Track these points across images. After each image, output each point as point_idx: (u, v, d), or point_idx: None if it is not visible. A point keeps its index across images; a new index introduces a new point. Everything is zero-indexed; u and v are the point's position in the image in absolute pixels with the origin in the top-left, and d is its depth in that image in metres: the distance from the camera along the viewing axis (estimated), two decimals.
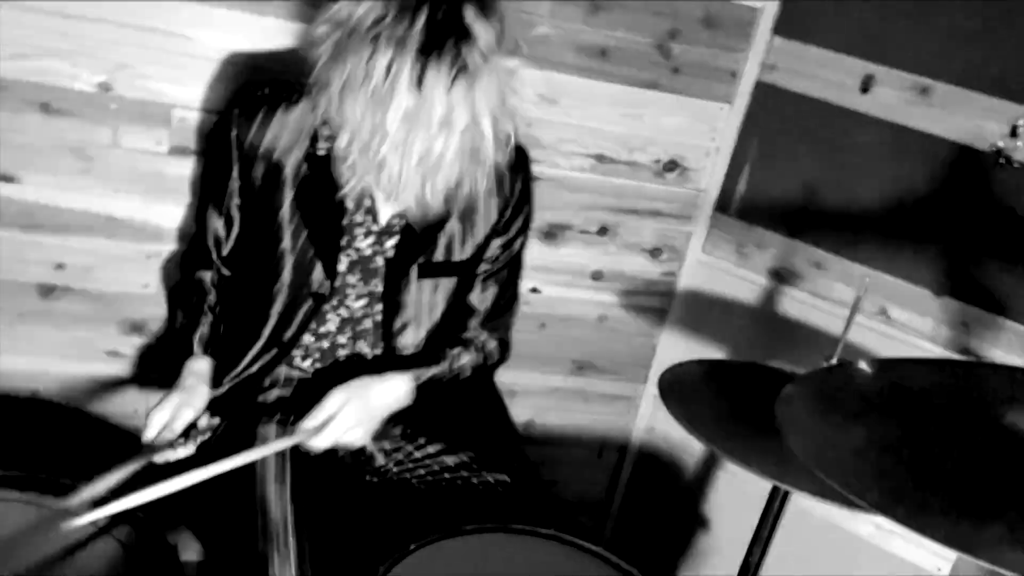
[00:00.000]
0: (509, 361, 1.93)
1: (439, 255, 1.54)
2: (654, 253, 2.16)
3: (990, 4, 1.76)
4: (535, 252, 2.07)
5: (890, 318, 1.93)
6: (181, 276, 1.63)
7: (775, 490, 1.46)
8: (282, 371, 1.57)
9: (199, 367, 1.46)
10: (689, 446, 2.25)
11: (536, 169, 1.96)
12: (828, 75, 1.94)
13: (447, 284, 1.57)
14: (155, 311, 1.87)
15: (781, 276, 2.07)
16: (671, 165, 2.08)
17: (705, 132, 2.07)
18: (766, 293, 2.08)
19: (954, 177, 1.82)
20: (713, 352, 2.13)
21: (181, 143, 1.79)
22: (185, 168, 1.81)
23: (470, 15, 1.27)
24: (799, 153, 2.01)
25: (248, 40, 1.75)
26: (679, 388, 1.45)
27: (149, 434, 1.33)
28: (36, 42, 1.67)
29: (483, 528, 1.34)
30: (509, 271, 1.65)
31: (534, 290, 2.12)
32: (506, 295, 1.66)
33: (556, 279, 2.12)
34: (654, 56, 1.97)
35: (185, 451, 1.36)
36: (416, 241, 1.52)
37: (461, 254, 1.56)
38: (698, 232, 2.16)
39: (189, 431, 1.38)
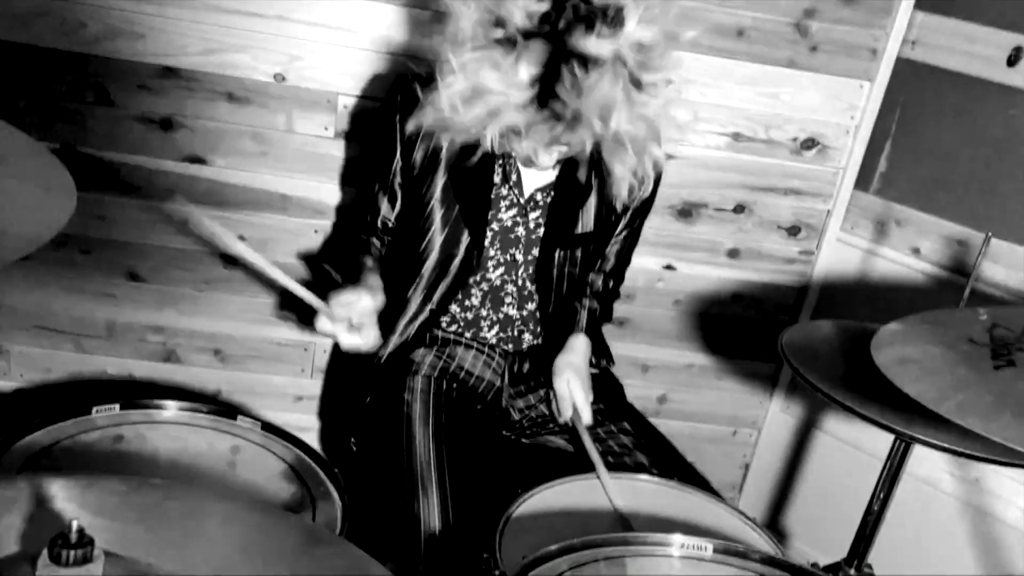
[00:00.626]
0: (640, 335, 2.03)
1: (579, 228, 1.65)
2: (791, 231, 2.18)
3: None
4: (670, 228, 2.14)
5: None
6: (345, 246, 1.81)
7: (894, 444, 1.47)
8: (437, 335, 1.73)
9: (375, 279, 1.60)
10: (823, 422, 2.25)
11: (671, 148, 2.04)
12: (973, 48, 1.91)
13: (580, 253, 1.68)
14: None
15: (922, 254, 2.05)
16: (809, 143, 2.10)
17: (844, 110, 2.07)
18: (906, 272, 2.06)
19: None
20: None
21: (345, 128, 1.98)
22: (348, 151, 2.00)
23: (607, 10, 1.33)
24: (942, 129, 1.99)
25: (405, 33, 1.91)
26: (806, 346, 1.49)
27: (322, 324, 1.47)
28: (221, 38, 1.90)
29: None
30: (631, 240, 1.77)
31: (668, 267, 2.19)
32: (624, 258, 1.81)
33: (691, 256, 2.18)
34: (791, 35, 2.00)
35: (364, 340, 1.49)
36: (561, 215, 1.63)
37: (598, 227, 1.66)
38: (837, 210, 2.16)
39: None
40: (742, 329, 2.27)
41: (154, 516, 0.86)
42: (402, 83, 1.62)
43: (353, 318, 1.46)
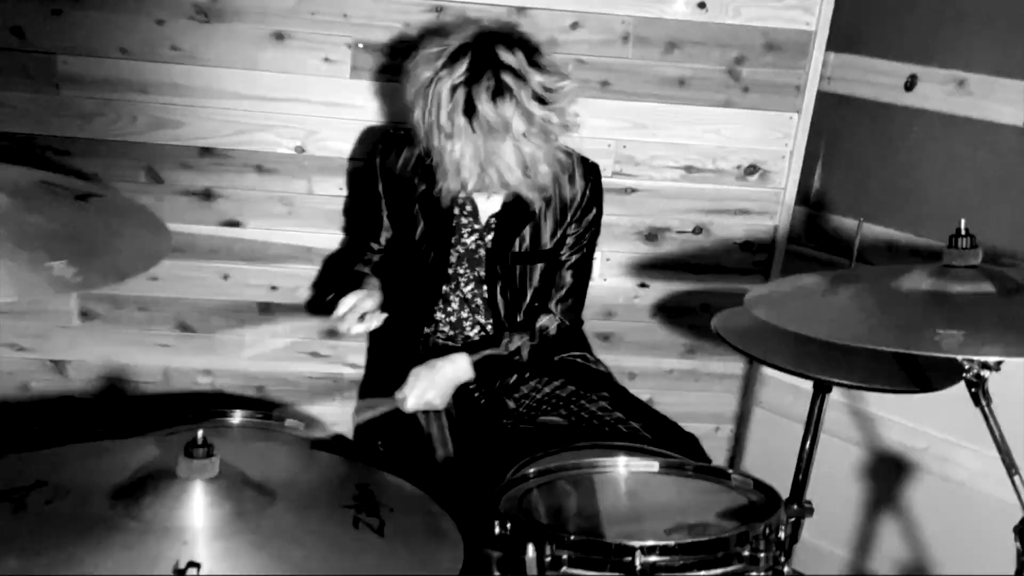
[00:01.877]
0: (624, 347, 2.36)
1: (527, 246, 2.00)
2: (745, 246, 2.52)
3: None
4: (640, 251, 2.49)
5: None
6: (341, 267, 2.19)
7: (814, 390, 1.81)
8: (431, 339, 2.07)
9: (373, 280, 2.00)
10: (795, 413, 2.55)
11: (634, 182, 2.41)
12: (878, 79, 2.28)
13: (536, 268, 2.03)
14: None
15: (862, 258, 2.38)
16: (751, 169, 2.45)
17: (779, 139, 2.43)
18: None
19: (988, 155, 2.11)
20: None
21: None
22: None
23: (501, 51, 1.76)
24: (861, 148, 2.34)
25: (399, 104, 2.29)
26: (736, 328, 1.83)
27: (340, 311, 1.85)
28: (249, 121, 2.28)
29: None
30: (581, 262, 2.09)
31: (642, 284, 2.53)
32: (579, 280, 2.10)
33: (660, 274, 2.52)
34: (726, 80, 2.37)
35: (364, 327, 1.87)
36: (506, 234, 1.99)
37: (544, 243, 2.02)
38: (782, 225, 2.51)
39: (365, 316, 1.88)
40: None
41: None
42: (385, 136, 2.06)
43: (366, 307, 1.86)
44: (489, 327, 2.06)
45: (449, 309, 2.07)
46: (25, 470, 1.14)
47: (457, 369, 1.93)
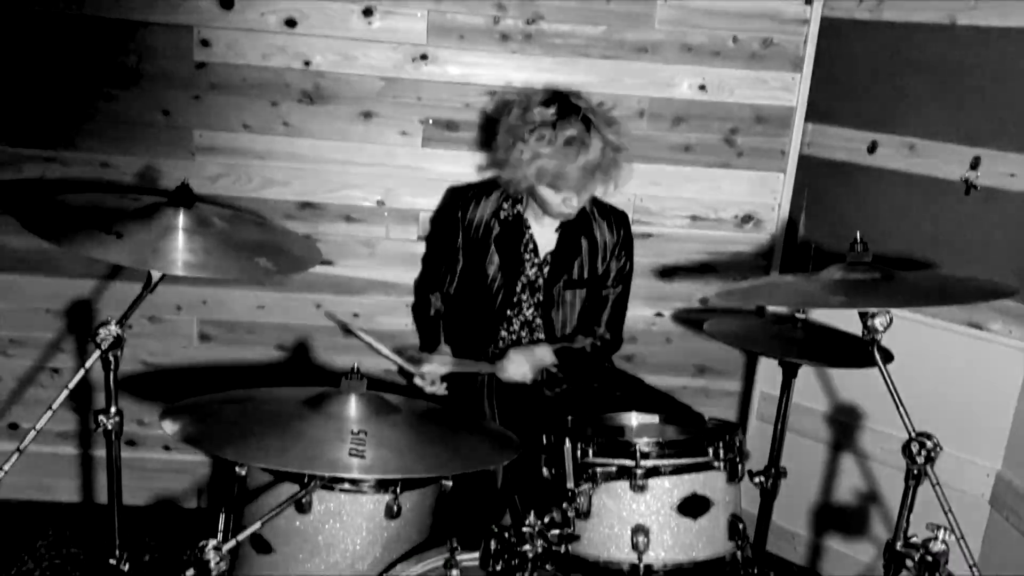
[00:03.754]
0: (645, 367, 2.89)
1: (575, 275, 2.54)
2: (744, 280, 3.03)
3: (959, 80, 2.59)
4: (655, 286, 3.02)
5: None
6: (417, 298, 2.80)
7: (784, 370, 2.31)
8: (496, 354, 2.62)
9: (445, 348, 2.56)
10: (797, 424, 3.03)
11: (650, 229, 2.95)
12: (847, 144, 2.81)
13: (582, 294, 2.57)
14: (415, 341, 2.95)
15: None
16: (747, 219, 2.99)
17: (768, 194, 2.97)
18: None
19: (934, 204, 2.63)
20: None
21: (424, 233, 2.91)
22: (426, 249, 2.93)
23: (580, 101, 2.38)
24: (837, 201, 2.87)
25: (459, 167, 2.87)
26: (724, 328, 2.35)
27: (423, 381, 2.42)
28: (342, 180, 2.87)
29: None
30: (622, 289, 2.65)
31: (659, 314, 3.05)
32: (619, 306, 2.66)
33: (673, 305, 3.05)
34: (723, 147, 2.92)
35: (434, 390, 2.44)
36: (560, 267, 2.53)
37: (590, 273, 2.56)
38: (774, 264, 3.02)
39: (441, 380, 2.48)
40: (719, 358, 3.10)
41: None
42: (460, 190, 2.64)
43: (433, 376, 2.46)
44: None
45: (511, 328, 2.61)
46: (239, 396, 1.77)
47: (545, 352, 2.54)
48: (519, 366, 2.46)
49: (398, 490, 1.85)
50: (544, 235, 2.55)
